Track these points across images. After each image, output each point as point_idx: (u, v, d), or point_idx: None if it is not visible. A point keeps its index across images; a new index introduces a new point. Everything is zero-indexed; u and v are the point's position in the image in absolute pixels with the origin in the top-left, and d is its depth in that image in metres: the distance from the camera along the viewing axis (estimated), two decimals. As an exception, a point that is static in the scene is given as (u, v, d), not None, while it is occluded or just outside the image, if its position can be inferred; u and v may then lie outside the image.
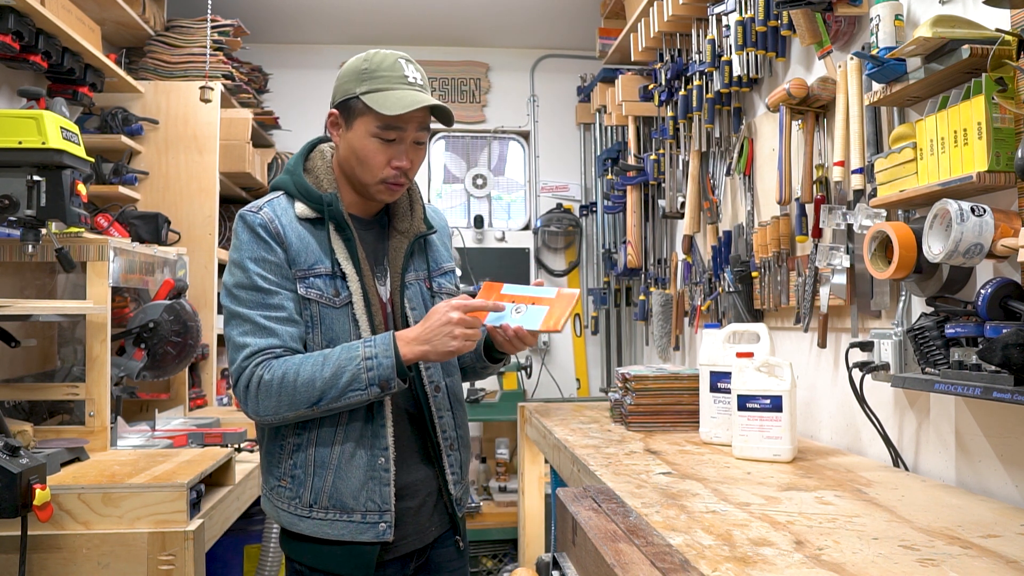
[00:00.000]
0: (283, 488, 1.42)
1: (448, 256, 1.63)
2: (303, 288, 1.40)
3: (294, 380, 1.33)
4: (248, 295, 1.39)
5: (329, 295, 1.41)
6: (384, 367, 1.33)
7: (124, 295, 2.44)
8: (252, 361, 1.36)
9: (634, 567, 1.03)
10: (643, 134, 3.56)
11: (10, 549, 1.50)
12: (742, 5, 2.37)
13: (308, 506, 1.40)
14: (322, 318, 1.41)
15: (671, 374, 2.25)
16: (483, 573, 3.92)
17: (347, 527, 1.40)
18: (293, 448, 1.42)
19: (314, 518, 1.40)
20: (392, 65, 1.40)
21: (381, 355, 1.33)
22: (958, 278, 1.51)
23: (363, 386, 1.33)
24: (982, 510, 1.32)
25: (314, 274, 1.41)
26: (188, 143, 3.11)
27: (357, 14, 4.05)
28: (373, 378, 1.33)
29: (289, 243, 1.40)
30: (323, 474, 1.40)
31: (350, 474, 1.40)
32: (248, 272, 1.39)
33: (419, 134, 1.44)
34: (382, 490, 1.40)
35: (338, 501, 1.40)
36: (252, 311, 1.38)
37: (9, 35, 2.22)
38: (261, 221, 1.41)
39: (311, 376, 1.33)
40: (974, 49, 1.32)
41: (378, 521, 1.40)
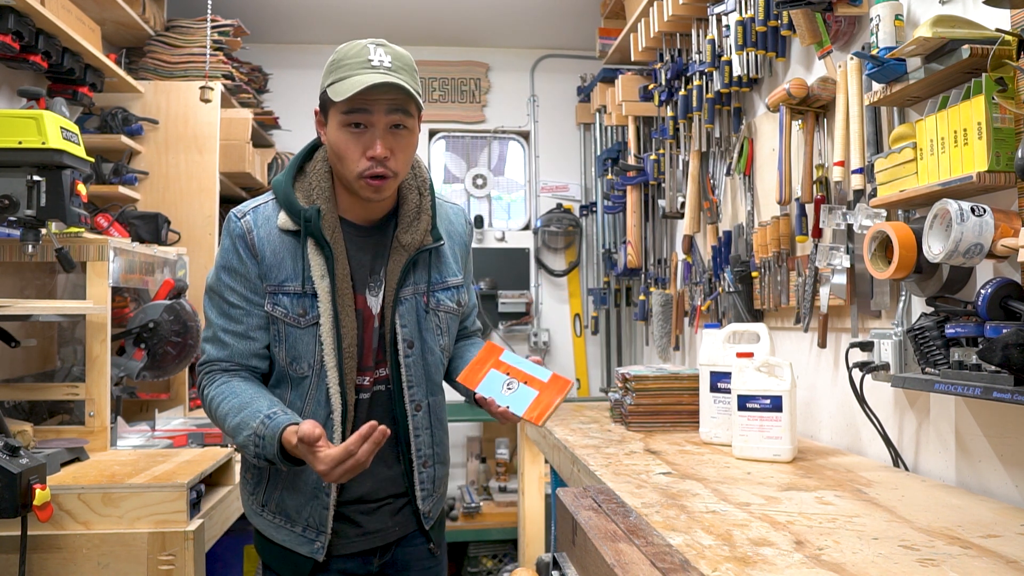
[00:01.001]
0: (247, 480, 1.48)
1: (457, 269, 1.52)
2: (270, 305, 1.37)
3: (216, 409, 1.37)
4: (215, 301, 1.41)
5: (295, 314, 1.37)
6: (269, 452, 1.28)
7: (124, 295, 2.44)
8: (203, 369, 1.41)
9: (634, 567, 1.03)
10: (643, 134, 3.56)
11: (10, 549, 1.50)
12: (742, 5, 2.37)
13: (261, 505, 1.45)
14: (287, 336, 1.38)
15: (671, 374, 2.25)
16: (483, 573, 3.92)
17: (288, 535, 1.43)
18: None
19: (264, 517, 1.45)
20: (359, 51, 1.31)
21: (268, 441, 1.28)
22: (958, 278, 1.51)
23: (251, 455, 1.32)
24: (982, 510, 1.32)
25: (283, 291, 1.37)
26: (188, 143, 3.10)
27: (357, 14, 4.05)
28: (259, 454, 1.30)
29: (263, 256, 1.37)
30: (276, 482, 1.43)
31: (297, 488, 1.41)
32: (219, 279, 1.41)
33: (391, 117, 1.32)
34: (321, 512, 1.41)
35: (283, 511, 1.43)
36: (215, 319, 1.41)
37: (9, 35, 2.22)
38: (240, 231, 1.39)
39: (224, 415, 1.35)
40: (974, 49, 1.32)
41: (314, 539, 1.41)
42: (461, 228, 1.57)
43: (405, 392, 1.44)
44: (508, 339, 4.40)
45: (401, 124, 1.34)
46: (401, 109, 1.33)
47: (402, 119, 1.34)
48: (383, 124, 1.32)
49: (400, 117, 1.33)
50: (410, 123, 1.36)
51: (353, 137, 1.32)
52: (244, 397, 1.35)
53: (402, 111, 1.33)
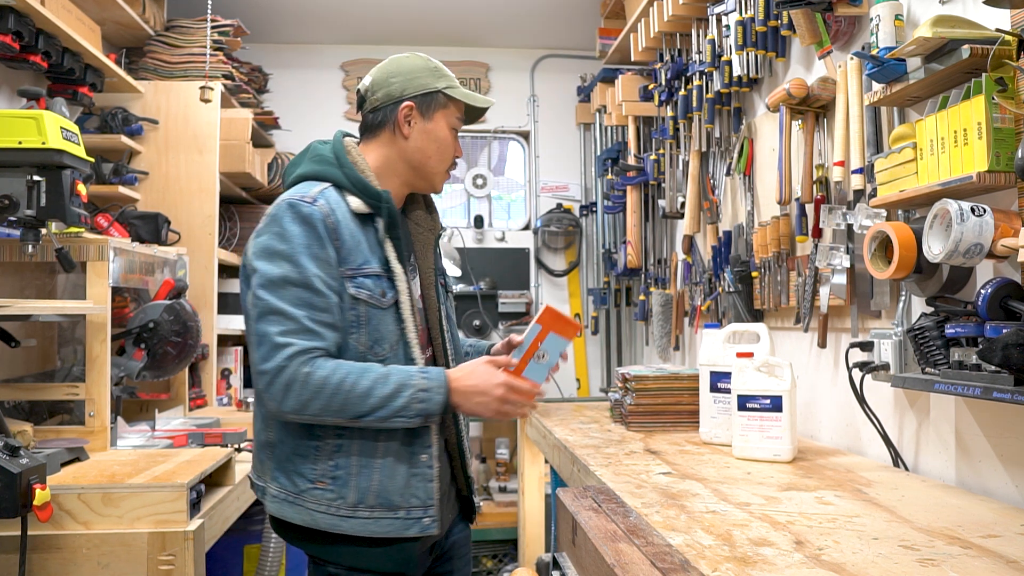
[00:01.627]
0: (320, 490, 1.38)
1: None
2: (353, 287, 1.38)
3: (351, 387, 1.31)
4: (295, 292, 1.34)
5: (377, 295, 1.40)
6: (434, 404, 1.34)
7: (124, 295, 2.44)
8: (297, 360, 1.31)
9: (634, 567, 1.03)
10: (643, 134, 3.56)
11: (10, 549, 1.50)
12: (742, 5, 2.37)
13: (353, 506, 1.38)
14: (369, 319, 1.39)
15: (671, 374, 2.25)
16: (483, 573, 3.92)
17: (393, 524, 1.39)
18: (333, 448, 1.39)
19: (359, 517, 1.38)
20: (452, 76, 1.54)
21: (435, 391, 1.34)
22: (958, 278, 1.51)
23: (411, 415, 1.34)
24: (982, 510, 1.32)
25: (363, 273, 1.39)
26: (188, 143, 3.10)
27: (357, 14, 4.05)
28: (422, 410, 1.34)
29: (342, 240, 1.38)
30: (368, 473, 1.38)
31: (395, 472, 1.39)
32: (301, 268, 1.34)
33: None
34: (426, 486, 1.41)
35: (385, 499, 1.39)
36: (297, 310, 1.33)
37: (9, 35, 2.22)
38: (320, 215, 1.36)
39: (369, 389, 1.32)
40: (974, 49, 1.32)
41: (422, 516, 1.41)
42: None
43: (450, 366, 1.53)
44: (508, 339, 4.39)
45: None
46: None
47: None
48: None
49: None
50: None
51: (454, 138, 1.54)
52: (376, 369, 1.35)
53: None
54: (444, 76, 1.52)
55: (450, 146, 1.53)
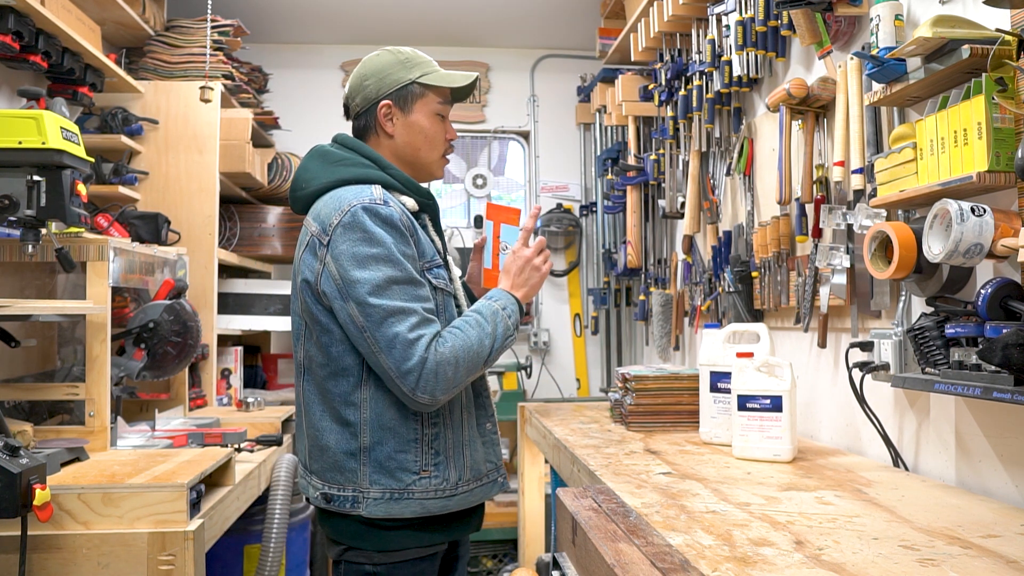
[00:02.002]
0: (426, 479, 1.46)
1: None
2: (432, 278, 1.49)
3: (471, 346, 1.43)
4: (404, 289, 1.40)
5: (447, 284, 1.53)
6: (515, 312, 1.51)
7: (124, 295, 2.44)
8: (432, 347, 1.39)
9: (634, 567, 1.03)
10: (643, 134, 3.56)
11: (10, 549, 1.50)
12: (742, 5, 2.37)
13: (454, 485, 1.49)
14: (445, 305, 1.51)
15: (671, 374, 2.25)
16: (483, 573, 3.92)
17: (483, 490, 1.55)
18: (432, 437, 1.48)
19: (459, 493, 1.50)
20: (424, 55, 1.56)
21: (510, 305, 1.50)
22: (958, 278, 1.51)
23: (511, 331, 1.49)
24: (982, 510, 1.32)
25: (435, 265, 1.51)
26: (188, 143, 3.10)
27: (357, 14, 4.05)
28: (514, 323, 1.49)
29: (418, 236, 1.48)
30: (463, 451, 1.51)
31: (475, 444, 1.54)
32: (401, 265, 1.40)
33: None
34: (495, 449, 1.59)
35: (475, 471, 1.53)
36: (413, 304, 1.40)
37: (9, 35, 2.21)
38: (396, 216, 1.43)
39: (480, 337, 1.44)
40: (974, 49, 1.32)
41: (497, 476, 1.59)
42: None
43: None
44: (508, 339, 4.39)
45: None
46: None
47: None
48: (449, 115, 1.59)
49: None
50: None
51: (440, 124, 1.55)
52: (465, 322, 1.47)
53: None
54: (416, 65, 1.53)
55: (436, 133, 1.55)
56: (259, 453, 2.32)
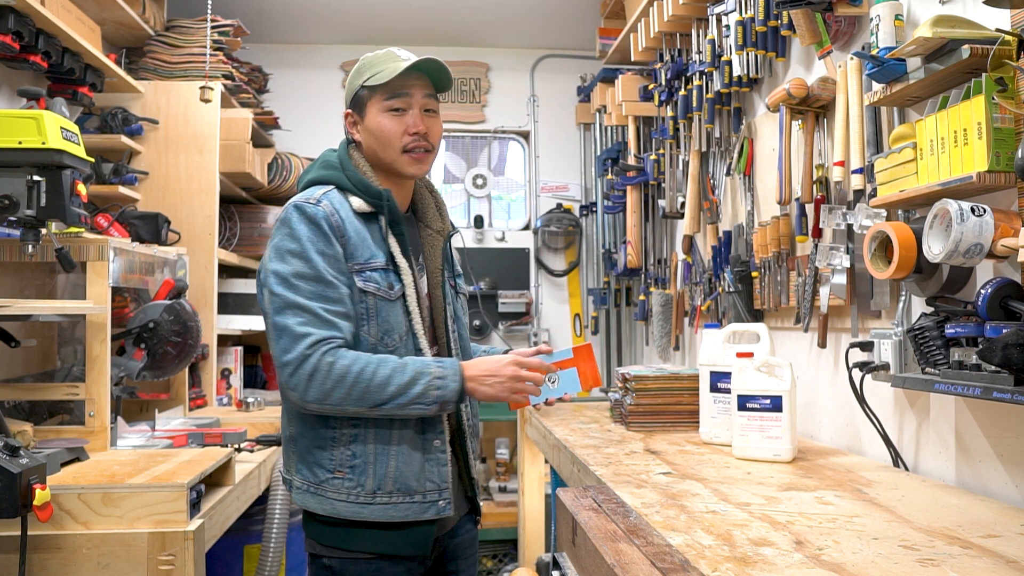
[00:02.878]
0: (339, 479, 1.44)
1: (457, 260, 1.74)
2: (361, 281, 1.44)
3: (371, 376, 1.37)
4: (309, 285, 1.40)
5: (384, 288, 1.46)
6: (450, 391, 1.41)
7: (124, 295, 2.44)
8: (319, 349, 1.37)
9: (634, 567, 1.03)
10: (643, 134, 3.56)
11: (10, 549, 1.50)
12: (742, 5, 2.37)
13: (372, 493, 1.44)
14: (378, 310, 1.46)
15: (671, 374, 2.25)
16: (483, 573, 3.92)
17: (411, 508, 1.45)
18: (350, 438, 1.45)
19: (378, 503, 1.44)
20: (385, 54, 1.52)
21: (450, 379, 1.41)
22: (958, 278, 1.51)
23: (428, 402, 1.40)
24: (982, 510, 1.32)
25: (370, 267, 1.46)
26: (188, 143, 3.10)
27: (357, 14, 4.05)
28: (438, 397, 1.40)
29: (348, 237, 1.45)
30: (385, 460, 1.44)
31: (410, 458, 1.46)
32: (312, 263, 1.41)
33: (426, 101, 1.52)
34: (440, 470, 1.48)
35: (402, 485, 1.45)
36: (312, 302, 1.39)
37: (9, 35, 2.21)
38: (323, 214, 1.44)
39: (387, 377, 1.38)
40: (974, 49, 1.32)
41: (437, 499, 1.47)
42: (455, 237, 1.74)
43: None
44: (508, 339, 4.40)
45: (432, 109, 1.54)
46: (432, 95, 1.53)
47: (433, 104, 1.54)
48: (419, 106, 1.51)
49: (432, 102, 1.54)
50: (437, 108, 1.56)
51: (395, 119, 1.49)
52: (393, 359, 1.41)
53: (432, 97, 1.54)
54: (369, 68, 1.51)
55: (388, 131, 1.49)
56: (259, 453, 2.32)
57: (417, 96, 1.50)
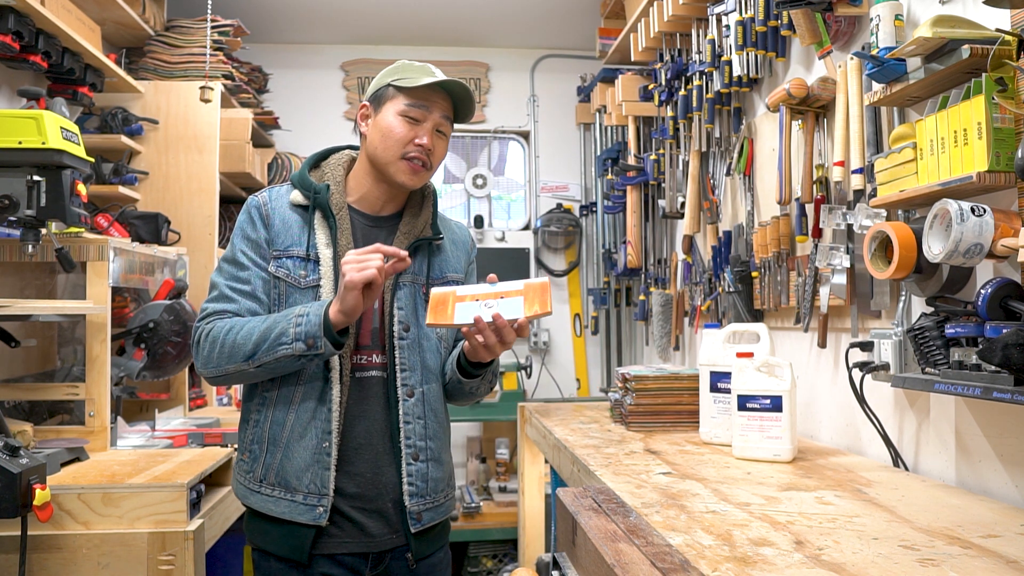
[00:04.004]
0: (243, 461, 1.49)
1: (460, 268, 1.63)
2: (274, 267, 1.48)
3: (236, 334, 1.41)
4: (227, 267, 1.50)
5: (297, 276, 1.48)
6: (311, 324, 1.37)
7: (124, 295, 2.44)
8: (204, 321, 1.46)
9: (634, 567, 1.03)
10: (643, 134, 3.56)
11: (10, 549, 1.50)
12: (742, 5, 2.37)
13: (258, 481, 1.46)
14: (288, 296, 1.47)
15: (671, 374, 2.24)
16: (483, 573, 3.92)
17: (288, 506, 1.43)
18: (254, 423, 1.48)
19: (262, 493, 1.45)
20: (422, 67, 1.54)
21: (312, 312, 1.38)
22: (958, 278, 1.51)
23: (290, 340, 1.37)
24: (982, 510, 1.32)
25: (288, 255, 1.49)
26: (188, 143, 3.10)
27: (357, 14, 4.05)
28: (299, 333, 1.37)
29: (272, 224, 1.50)
30: (274, 451, 1.45)
31: (296, 454, 1.44)
32: (233, 246, 1.51)
33: (441, 121, 1.52)
34: (323, 474, 1.43)
35: (283, 479, 1.44)
36: (224, 281, 1.49)
37: (9, 35, 2.22)
38: (257, 203, 1.53)
39: (251, 330, 1.40)
40: (974, 49, 1.32)
41: (316, 504, 1.42)
42: (464, 238, 1.69)
43: (398, 376, 1.49)
44: (508, 339, 4.39)
45: (443, 131, 1.54)
46: (448, 119, 1.54)
47: (446, 127, 1.54)
48: (432, 123, 1.51)
49: (446, 125, 1.54)
50: (448, 134, 1.56)
51: (407, 125, 1.50)
52: (260, 317, 1.44)
53: (448, 120, 1.54)
54: (401, 71, 1.53)
55: (396, 133, 1.48)
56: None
57: (435, 114, 1.51)
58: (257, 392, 1.49)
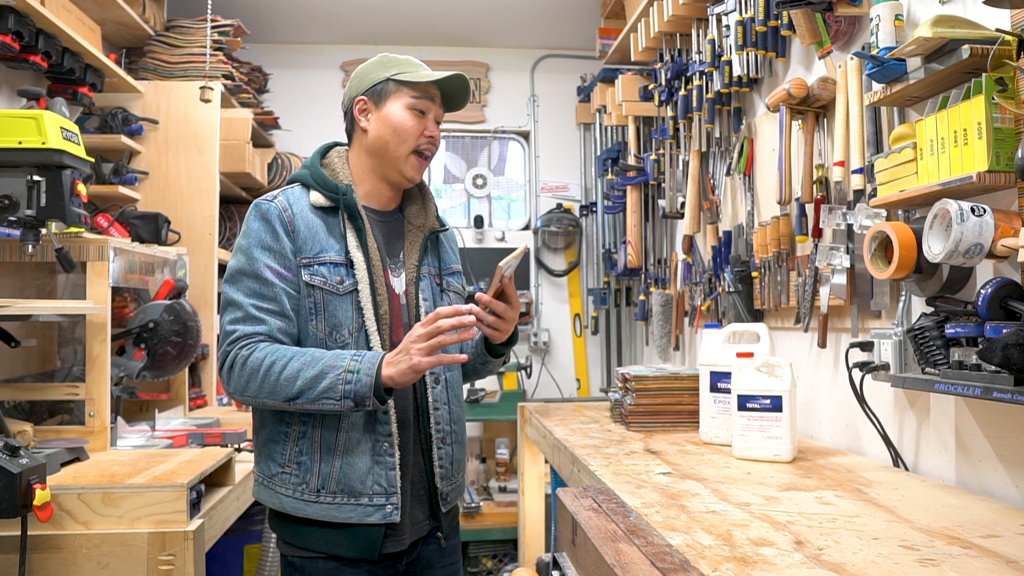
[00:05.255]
0: (287, 475, 1.45)
1: (456, 259, 1.70)
2: (308, 275, 1.44)
3: (280, 370, 1.37)
4: (247, 282, 1.44)
5: (333, 282, 1.45)
6: (362, 384, 1.35)
7: (124, 295, 2.44)
8: (237, 344, 1.41)
9: (634, 567, 1.03)
10: (643, 134, 3.56)
11: (10, 549, 1.50)
12: (742, 5, 2.37)
13: (316, 491, 1.43)
14: (326, 305, 1.44)
15: (671, 374, 2.24)
16: (483, 573, 3.92)
17: (355, 510, 1.43)
18: (299, 435, 1.45)
19: (322, 503, 1.43)
20: (406, 59, 1.56)
21: (364, 372, 1.35)
22: (958, 278, 1.51)
23: (337, 397, 1.36)
24: (982, 510, 1.32)
25: (319, 261, 1.45)
26: (188, 143, 3.10)
27: (357, 14, 4.05)
28: (348, 392, 1.35)
29: (297, 231, 1.46)
30: (330, 459, 1.43)
31: (356, 459, 1.43)
32: (253, 259, 1.44)
33: (439, 112, 1.57)
34: (388, 474, 1.44)
35: (346, 486, 1.43)
36: (246, 299, 1.43)
37: (9, 35, 2.22)
38: (276, 210, 1.46)
39: (295, 372, 1.36)
40: (974, 49, 1.32)
41: (385, 503, 1.44)
42: (452, 235, 1.73)
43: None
44: (508, 339, 4.39)
45: (440, 122, 1.58)
46: (447, 110, 1.59)
47: (441, 118, 1.58)
48: (434, 115, 1.55)
49: (442, 116, 1.58)
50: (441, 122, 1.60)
51: (417, 118, 1.52)
52: (307, 353, 1.39)
53: (447, 112, 1.59)
54: (395, 65, 1.54)
55: (408, 127, 1.51)
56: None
57: (436, 108, 1.55)
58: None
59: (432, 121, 1.54)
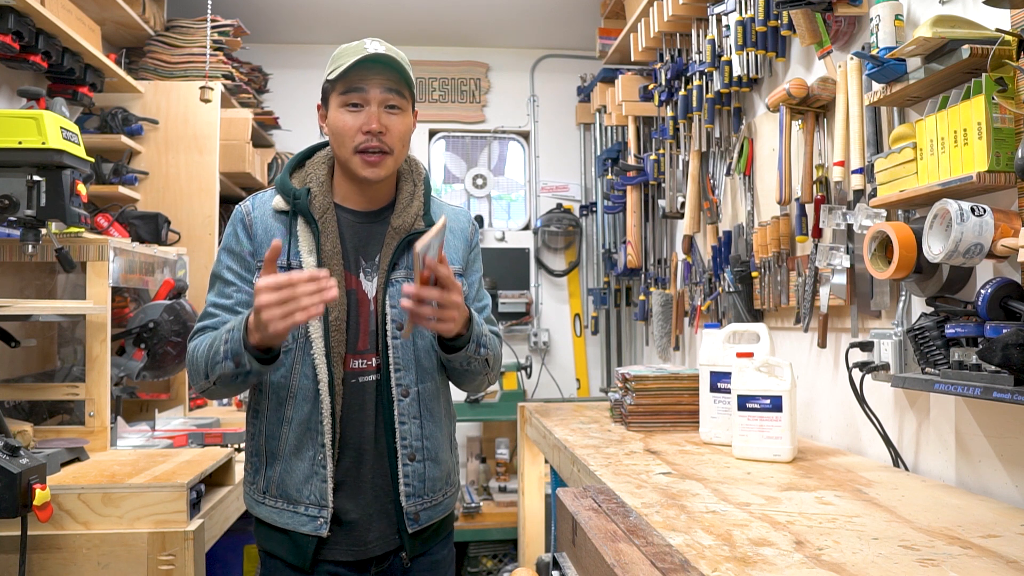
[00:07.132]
0: (248, 472, 1.51)
1: (456, 258, 1.54)
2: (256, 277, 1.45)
3: (197, 351, 1.41)
4: (214, 284, 1.50)
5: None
6: (235, 340, 1.31)
7: (124, 295, 2.44)
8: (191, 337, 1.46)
9: (634, 567, 1.03)
10: (643, 134, 3.56)
11: (10, 549, 1.50)
12: (742, 5, 2.37)
13: (263, 492, 1.47)
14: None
15: (671, 374, 2.24)
16: (483, 573, 3.92)
17: (292, 517, 1.44)
18: (252, 436, 1.50)
19: (267, 504, 1.46)
20: (355, 47, 1.43)
21: (236, 329, 1.32)
22: (958, 278, 1.51)
23: (222, 358, 1.34)
24: (982, 510, 1.32)
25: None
26: (188, 143, 3.10)
27: (357, 14, 4.05)
28: (227, 351, 1.33)
29: (255, 234, 1.48)
30: (273, 464, 1.46)
31: (295, 465, 1.44)
32: (219, 262, 1.51)
33: (385, 96, 1.42)
34: (320, 486, 1.42)
35: (284, 491, 1.44)
36: (212, 297, 1.49)
37: (9, 35, 2.22)
38: (240, 213, 1.51)
39: (206, 347, 1.39)
40: (974, 49, 1.32)
41: (316, 516, 1.42)
42: (464, 225, 1.59)
43: (392, 375, 1.45)
44: (508, 339, 4.40)
45: (395, 105, 1.44)
46: (394, 90, 1.44)
47: (396, 100, 1.44)
48: (377, 102, 1.43)
49: (394, 98, 1.44)
50: (403, 105, 1.45)
51: (351, 115, 1.43)
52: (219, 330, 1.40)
53: (396, 92, 1.44)
54: (333, 60, 1.45)
55: (342, 128, 1.42)
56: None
57: (375, 91, 1.41)
58: (251, 403, 1.50)
59: (371, 112, 1.41)
